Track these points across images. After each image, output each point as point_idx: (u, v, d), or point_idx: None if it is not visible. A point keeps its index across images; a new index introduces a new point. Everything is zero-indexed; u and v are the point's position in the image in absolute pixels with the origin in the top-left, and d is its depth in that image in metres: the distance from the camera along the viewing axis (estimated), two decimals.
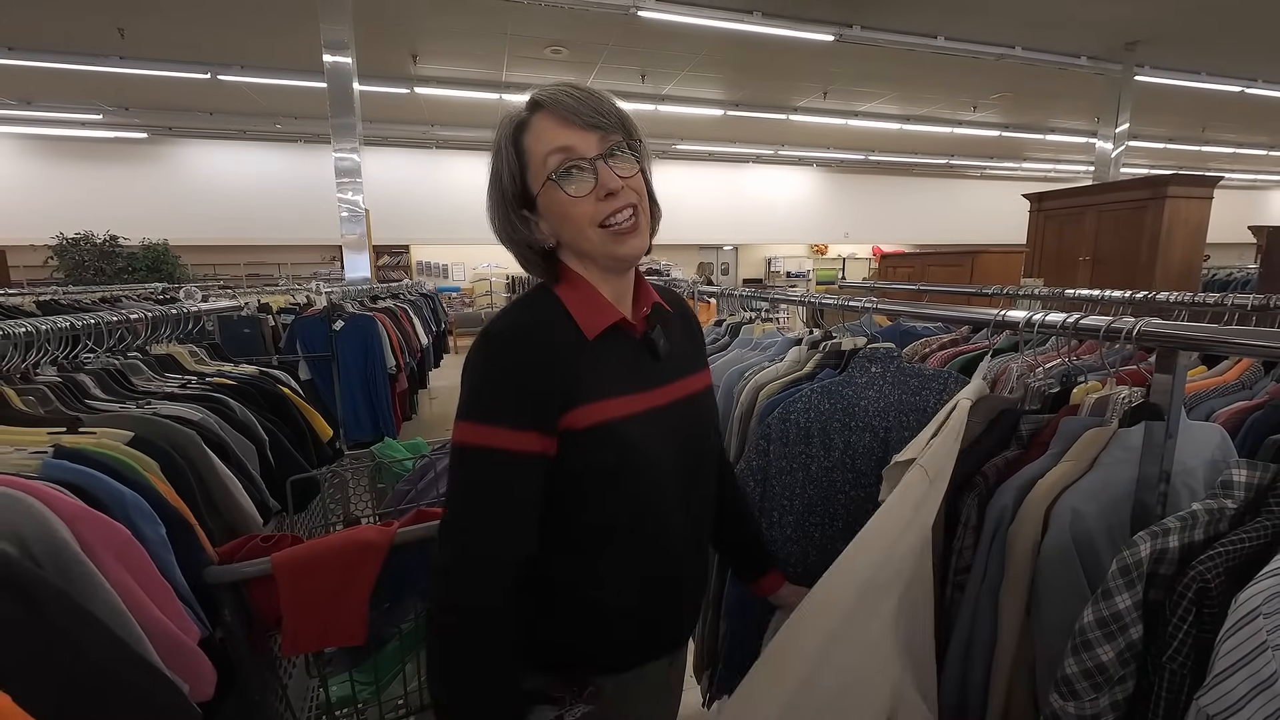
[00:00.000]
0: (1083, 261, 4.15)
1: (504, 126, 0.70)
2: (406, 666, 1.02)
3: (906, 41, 5.27)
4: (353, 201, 4.49)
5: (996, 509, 0.76)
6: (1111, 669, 0.55)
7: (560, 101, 0.66)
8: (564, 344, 0.68)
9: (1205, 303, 1.61)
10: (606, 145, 0.67)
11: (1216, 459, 0.74)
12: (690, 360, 0.82)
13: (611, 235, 0.68)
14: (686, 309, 0.88)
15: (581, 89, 0.68)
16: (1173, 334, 0.68)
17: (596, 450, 0.69)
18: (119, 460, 0.86)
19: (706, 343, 1.03)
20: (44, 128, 8.15)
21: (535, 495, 0.67)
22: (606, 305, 0.72)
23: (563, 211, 0.68)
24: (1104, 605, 0.55)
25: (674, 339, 0.79)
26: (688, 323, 0.86)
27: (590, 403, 0.68)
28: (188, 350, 1.63)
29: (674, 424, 0.75)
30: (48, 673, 0.43)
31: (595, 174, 0.66)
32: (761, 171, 11.56)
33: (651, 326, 0.76)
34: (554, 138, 0.67)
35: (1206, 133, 9.26)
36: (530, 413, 0.65)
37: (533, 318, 0.71)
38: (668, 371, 0.76)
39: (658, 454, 0.72)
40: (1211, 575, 0.52)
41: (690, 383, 0.80)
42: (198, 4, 4.69)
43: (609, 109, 0.68)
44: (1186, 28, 5.25)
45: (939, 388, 1.10)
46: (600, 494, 0.71)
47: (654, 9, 4.53)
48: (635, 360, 0.74)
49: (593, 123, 0.66)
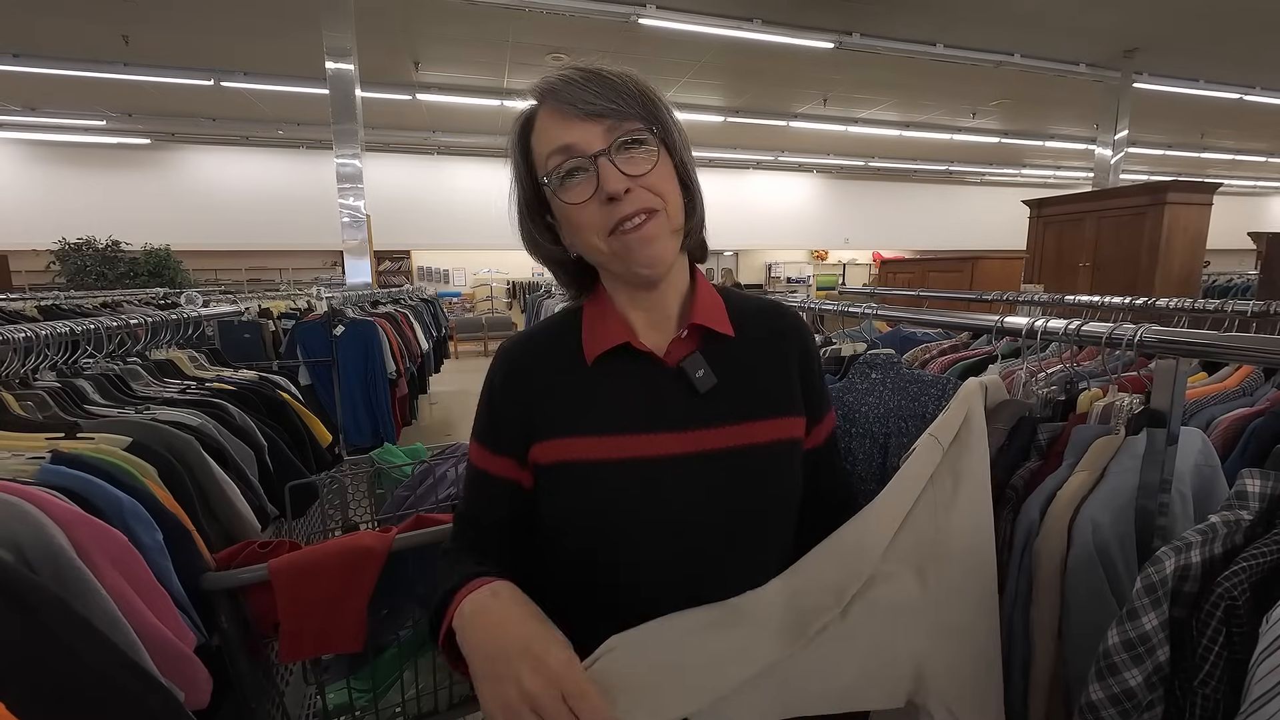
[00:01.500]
0: (1083, 267, 4.16)
1: (513, 126, 0.60)
2: (404, 674, 1.02)
3: (906, 49, 5.30)
4: (354, 207, 4.50)
5: (1025, 524, 0.74)
6: (1140, 694, 0.51)
7: (556, 90, 0.55)
8: (549, 369, 0.61)
9: (1205, 309, 1.61)
10: (616, 136, 0.55)
11: (1200, 463, 0.74)
12: (756, 401, 0.62)
13: (624, 248, 0.56)
14: (786, 333, 0.67)
15: (587, 70, 0.56)
16: (1173, 341, 0.68)
17: (555, 494, 0.60)
18: (117, 466, 0.86)
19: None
20: (48, 133, 8.20)
21: (514, 516, 0.64)
22: (614, 325, 0.61)
23: (566, 220, 0.58)
24: (1130, 626, 0.51)
25: (736, 372, 0.62)
26: (779, 353, 0.65)
27: (556, 438, 0.59)
28: (187, 355, 1.63)
29: (701, 479, 0.59)
30: (43, 680, 0.42)
31: (596, 174, 0.55)
32: (762, 177, 11.60)
33: (688, 355, 0.61)
34: (554, 136, 0.56)
35: (1205, 139, 9.30)
36: (502, 438, 0.62)
37: (539, 335, 0.65)
38: (709, 413, 0.60)
39: (647, 514, 0.57)
40: (1239, 593, 0.50)
41: (748, 431, 0.61)
42: (202, 11, 4.73)
43: (621, 89, 0.55)
44: (1184, 35, 5.28)
45: (939, 394, 1.10)
46: (565, 551, 0.61)
47: (654, 17, 4.56)
48: (653, 394, 0.60)
49: (594, 110, 0.54)
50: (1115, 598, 0.65)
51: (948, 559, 0.67)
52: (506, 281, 11.10)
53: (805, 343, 0.68)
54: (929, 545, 0.67)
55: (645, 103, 0.56)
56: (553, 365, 0.62)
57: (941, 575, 0.66)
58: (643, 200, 0.55)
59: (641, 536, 0.58)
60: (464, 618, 0.52)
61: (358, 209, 4.51)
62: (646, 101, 0.56)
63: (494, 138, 8.80)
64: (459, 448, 1.32)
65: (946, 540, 0.67)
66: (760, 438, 0.61)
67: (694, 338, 0.62)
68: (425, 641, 1.03)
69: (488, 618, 0.52)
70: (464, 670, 0.52)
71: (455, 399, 5.87)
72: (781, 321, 0.68)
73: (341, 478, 1.31)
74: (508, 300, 11.07)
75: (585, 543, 0.59)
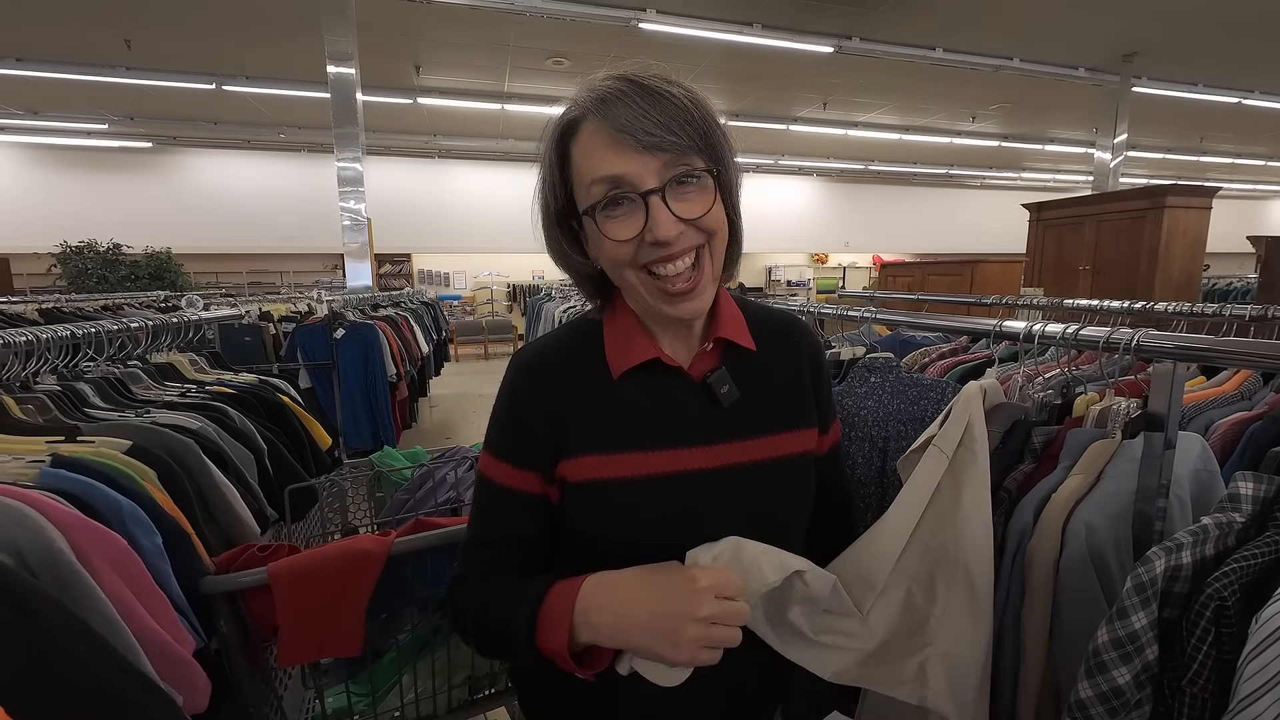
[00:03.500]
0: (1083, 271, 4.16)
1: (550, 128, 0.56)
2: (403, 678, 1.02)
3: (905, 53, 5.32)
4: (355, 210, 4.51)
5: (1018, 526, 0.74)
6: (1128, 692, 0.52)
7: (612, 108, 0.50)
8: (576, 383, 0.59)
9: (1204, 313, 1.61)
10: (672, 173, 0.51)
11: (1199, 467, 0.74)
12: (776, 415, 0.63)
13: (659, 290, 0.53)
14: (799, 345, 0.67)
15: (648, 88, 0.50)
16: (1171, 346, 0.68)
17: (586, 510, 0.59)
18: (116, 469, 0.86)
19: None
20: (50, 137, 8.22)
21: (539, 532, 0.62)
22: (641, 340, 0.59)
23: (599, 246, 0.55)
24: (1120, 625, 0.52)
25: (758, 386, 0.62)
26: (794, 365, 0.66)
27: (586, 454, 0.58)
28: (188, 359, 1.63)
29: (727, 493, 0.59)
30: (41, 683, 0.42)
31: (646, 213, 0.51)
32: (762, 181, 11.61)
33: (713, 369, 0.60)
34: (601, 162, 0.51)
35: (1204, 143, 9.31)
36: (529, 453, 0.59)
37: (557, 347, 0.62)
38: (733, 426, 0.60)
39: (676, 529, 0.57)
40: (1229, 593, 0.50)
41: (771, 444, 0.61)
42: (204, 15, 4.75)
43: (685, 119, 0.50)
44: (1183, 40, 5.29)
45: (938, 397, 1.10)
46: (589, 564, 0.59)
47: (654, 21, 4.57)
48: (679, 409, 0.60)
49: (654, 142, 0.49)
50: (1108, 600, 0.65)
51: (951, 570, 0.69)
52: (507, 285, 11.11)
53: (816, 355, 0.68)
54: (934, 559, 0.69)
55: (706, 133, 0.52)
56: (578, 379, 0.60)
57: (945, 586, 0.69)
58: (689, 240, 0.53)
59: (669, 550, 0.57)
60: (588, 603, 0.53)
61: (359, 212, 4.52)
62: (708, 132, 0.52)
63: (495, 141, 8.82)
64: (458, 451, 1.32)
65: (950, 552, 0.69)
66: (782, 450, 0.62)
67: (717, 351, 0.62)
68: (424, 645, 1.03)
69: (615, 591, 0.53)
70: (586, 667, 0.54)
71: (455, 402, 5.88)
72: (795, 334, 0.68)
73: (341, 481, 1.31)
74: (508, 303, 11.08)
75: (611, 556, 0.58)
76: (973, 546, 0.68)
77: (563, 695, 0.66)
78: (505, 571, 0.61)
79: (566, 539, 0.62)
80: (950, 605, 0.68)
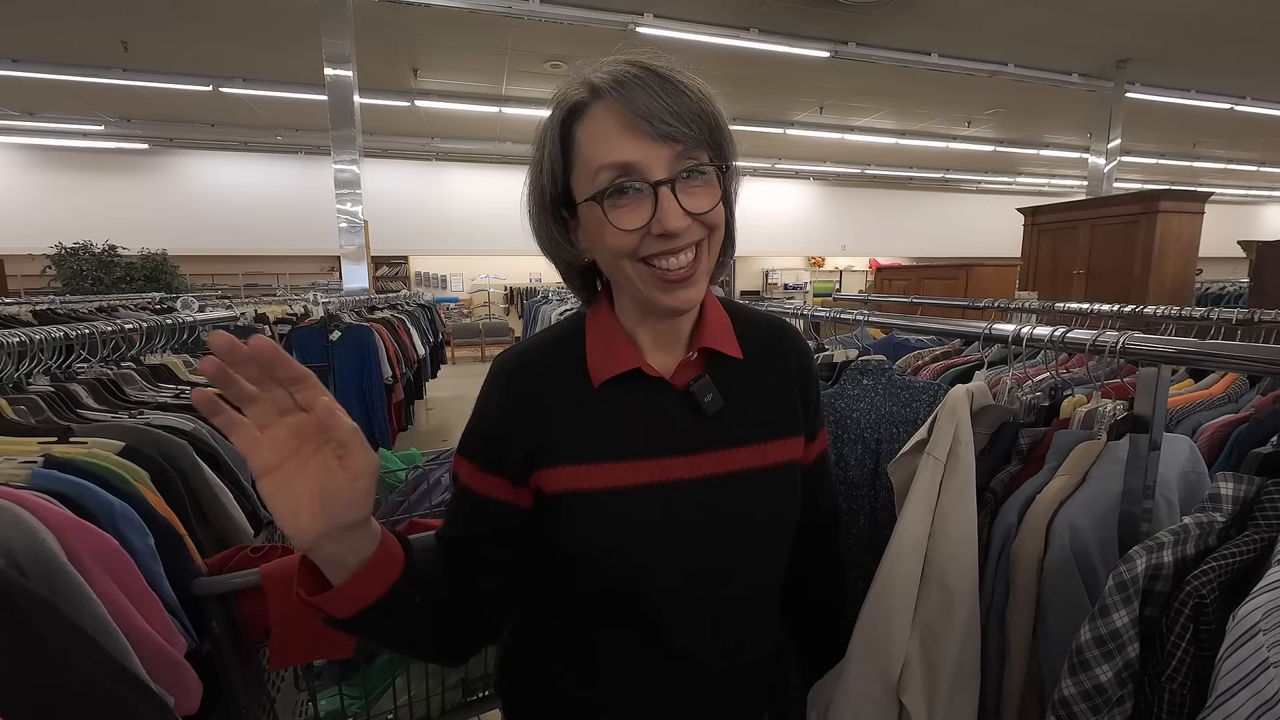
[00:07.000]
0: (1077, 275, 4.18)
1: (554, 108, 0.53)
2: (397, 680, 1.02)
3: (901, 58, 5.36)
4: (352, 213, 4.51)
5: (1002, 527, 0.74)
6: (1110, 689, 0.53)
7: (627, 90, 0.48)
8: (556, 390, 0.57)
9: (1192, 317, 1.63)
10: (682, 165, 0.50)
11: (1187, 470, 0.75)
12: (763, 422, 0.61)
13: (656, 278, 0.52)
14: (788, 351, 0.65)
15: (664, 77, 0.49)
16: (1156, 349, 0.68)
17: (563, 522, 0.57)
18: (109, 470, 0.86)
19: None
20: (45, 138, 8.20)
21: (506, 539, 0.59)
22: (622, 348, 0.58)
23: (597, 234, 0.53)
24: (1101, 623, 0.53)
25: (743, 395, 0.60)
26: (783, 373, 0.64)
27: (564, 464, 0.56)
28: (182, 360, 1.63)
29: (712, 503, 0.58)
30: (32, 684, 0.42)
31: (655, 203, 0.49)
32: (759, 185, 11.64)
33: (697, 378, 0.59)
34: (612, 148, 0.49)
35: (1197, 148, 9.38)
36: (496, 459, 0.57)
37: (541, 350, 0.60)
38: (718, 435, 0.59)
39: (659, 539, 0.56)
40: (1207, 591, 0.51)
41: (757, 452, 0.60)
42: (201, 18, 4.75)
43: (697, 110, 0.50)
44: (1176, 46, 5.34)
45: (929, 400, 1.11)
46: (572, 580, 0.58)
47: (652, 25, 4.60)
48: (662, 418, 0.58)
49: (668, 132, 0.48)
50: (1092, 601, 0.66)
51: (939, 568, 0.71)
52: (504, 287, 11.11)
53: (805, 360, 0.67)
54: (926, 558, 0.72)
55: (715, 130, 0.52)
56: (556, 386, 0.57)
57: (933, 582, 0.71)
58: (693, 235, 0.52)
59: (652, 561, 0.56)
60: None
61: (355, 215, 4.52)
62: (716, 129, 0.52)
63: (493, 144, 8.82)
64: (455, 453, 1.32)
65: (939, 551, 0.71)
66: (768, 460, 0.61)
67: (702, 359, 0.60)
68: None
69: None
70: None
71: (452, 405, 5.87)
72: (785, 340, 0.66)
73: None
74: (505, 306, 11.08)
75: (592, 566, 0.57)
76: (951, 544, 0.70)
77: (548, 710, 0.65)
78: (457, 568, 0.59)
79: (551, 560, 0.60)
80: (934, 598, 0.70)
